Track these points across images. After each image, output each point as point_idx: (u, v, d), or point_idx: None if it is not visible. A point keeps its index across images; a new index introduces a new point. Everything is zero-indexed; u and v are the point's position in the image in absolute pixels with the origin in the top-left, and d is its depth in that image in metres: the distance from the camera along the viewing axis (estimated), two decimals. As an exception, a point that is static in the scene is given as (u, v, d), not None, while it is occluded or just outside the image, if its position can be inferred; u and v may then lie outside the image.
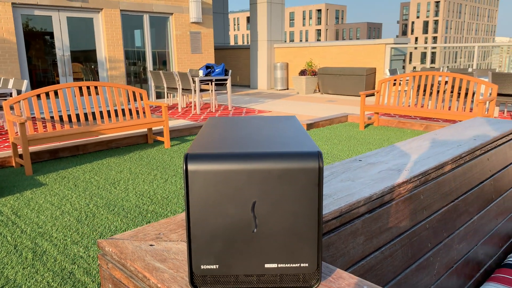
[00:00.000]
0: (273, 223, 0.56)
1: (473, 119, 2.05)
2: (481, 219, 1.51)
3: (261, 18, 13.48)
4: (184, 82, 8.54)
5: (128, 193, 3.90)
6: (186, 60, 11.10)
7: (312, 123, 6.95)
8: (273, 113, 8.58)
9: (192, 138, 6.31)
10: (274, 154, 0.55)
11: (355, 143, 5.80)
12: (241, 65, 15.42)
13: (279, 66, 13.41)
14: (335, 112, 8.64)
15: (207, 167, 0.54)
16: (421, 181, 1.21)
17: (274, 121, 0.76)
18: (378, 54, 11.31)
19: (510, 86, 6.68)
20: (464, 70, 8.46)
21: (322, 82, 12.12)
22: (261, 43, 13.70)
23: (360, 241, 0.98)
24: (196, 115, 8.22)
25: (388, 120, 7.06)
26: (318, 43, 13.01)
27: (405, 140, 1.63)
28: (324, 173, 1.21)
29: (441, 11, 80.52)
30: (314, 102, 10.42)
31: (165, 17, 10.72)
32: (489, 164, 1.61)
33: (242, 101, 10.64)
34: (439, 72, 6.24)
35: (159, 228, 0.82)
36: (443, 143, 1.55)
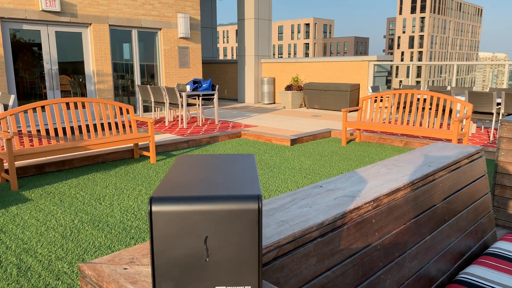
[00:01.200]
0: (222, 253, 0.69)
1: (434, 144, 2.22)
2: (433, 239, 1.66)
3: (249, 34, 13.74)
4: (171, 97, 8.66)
5: (113, 208, 3.99)
6: (174, 74, 11.24)
7: (296, 138, 7.12)
8: (259, 127, 8.74)
9: (178, 153, 6.42)
10: (223, 197, 0.68)
11: (336, 159, 5.97)
12: (229, 79, 15.62)
13: (266, 80, 13.64)
14: (320, 127, 8.84)
15: (168, 208, 0.67)
16: (373, 206, 1.36)
17: (234, 161, 0.90)
18: (362, 71, 11.61)
19: (485, 104, 6.95)
20: (444, 87, 8.76)
21: (307, 97, 12.36)
22: (248, 58, 13.93)
23: (313, 262, 1.12)
24: (183, 129, 8.33)
25: (370, 136, 7.26)
26: (304, 59, 13.29)
27: (365, 166, 1.78)
28: (286, 200, 1.35)
29: (426, 27, 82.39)
30: (299, 116, 10.62)
31: (153, 32, 10.87)
32: (442, 188, 1.77)
33: (229, 115, 10.79)
34: (418, 91, 6.48)
35: (133, 253, 0.94)
36: (399, 170, 1.71)
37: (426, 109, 6.51)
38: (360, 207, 1.30)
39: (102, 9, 9.65)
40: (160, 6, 10.73)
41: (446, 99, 6.22)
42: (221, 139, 7.40)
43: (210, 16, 16.70)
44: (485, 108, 6.97)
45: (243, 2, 13.67)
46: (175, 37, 11.16)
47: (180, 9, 11.15)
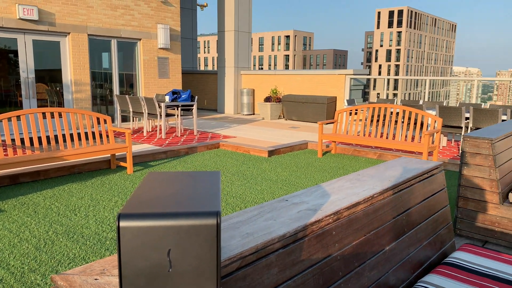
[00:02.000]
0: (183, 265, 0.77)
1: (397, 159, 2.35)
2: (393, 250, 1.78)
3: (229, 46, 13.89)
4: (150, 107, 8.67)
5: (88, 220, 3.98)
6: (153, 84, 11.25)
7: (274, 150, 7.23)
8: (237, 138, 8.82)
9: (155, 163, 6.43)
10: (184, 213, 0.76)
11: (312, 170, 6.10)
12: (208, 90, 15.69)
13: (245, 92, 13.77)
14: (298, 138, 8.99)
15: (134, 224, 0.75)
16: (333, 219, 1.46)
17: (199, 178, 0.98)
18: (339, 84, 11.89)
19: (454, 118, 7.24)
20: (417, 101, 9.07)
21: (286, 109, 12.54)
22: (228, 70, 14.06)
23: (274, 272, 1.20)
24: (161, 140, 8.34)
25: (345, 148, 7.44)
26: (283, 71, 13.50)
27: (331, 180, 1.89)
28: (253, 213, 1.43)
29: (402, 41, 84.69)
30: (278, 128, 10.76)
31: (133, 42, 10.88)
32: (402, 201, 1.89)
33: (208, 126, 10.84)
34: (391, 105, 6.71)
35: (104, 264, 1.00)
36: (362, 184, 1.82)
37: (398, 123, 6.73)
38: (320, 220, 1.39)
39: (81, 18, 9.62)
40: (140, 17, 10.77)
41: (418, 113, 6.46)
42: (200, 149, 7.45)
43: (190, 27, 16.81)
44: (454, 122, 7.26)
45: (223, 15, 13.83)
46: (155, 47, 11.19)
47: (160, 20, 11.21)
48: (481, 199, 3.30)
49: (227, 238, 1.20)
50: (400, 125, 6.81)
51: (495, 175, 3.20)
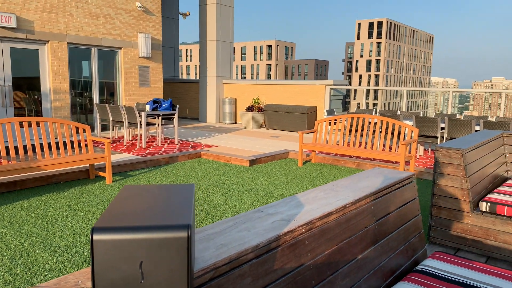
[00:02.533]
0: (155, 276, 0.80)
1: (372, 170, 2.42)
2: (365, 258, 1.83)
3: (210, 55, 13.94)
4: (130, 116, 8.62)
5: (66, 231, 3.93)
6: (133, 93, 11.19)
7: (255, 159, 7.27)
8: (219, 148, 8.83)
9: (135, 173, 6.39)
10: (156, 227, 0.79)
11: (292, 180, 6.16)
12: (190, 98, 15.68)
13: (227, 101, 13.82)
14: (279, 148, 9.06)
15: (107, 237, 0.77)
16: (306, 229, 1.51)
17: (173, 191, 1.01)
18: (319, 94, 12.06)
19: (430, 128, 7.44)
20: (395, 112, 9.27)
21: (267, 118, 12.64)
22: (210, 79, 14.11)
23: (248, 281, 1.24)
24: (142, 149, 8.29)
25: (325, 158, 7.55)
26: (264, 81, 13.62)
27: (306, 191, 1.94)
28: (228, 224, 1.47)
29: (382, 52, 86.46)
30: (259, 137, 10.83)
31: (114, 51, 10.83)
32: (375, 211, 1.96)
33: (190, 135, 10.82)
34: (369, 115, 6.86)
35: (78, 277, 1.02)
36: (336, 194, 1.88)
37: (376, 132, 6.88)
38: (293, 230, 1.44)
39: (61, 26, 9.53)
40: (121, 26, 10.73)
41: (395, 124, 6.62)
42: (180, 159, 7.44)
43: (172, 36, 16.82)
44: (430, 132, 7.46)
45: (205, 25, 13.91)
46: (136, 56, 11.16)
47: (142, 29, 11.20)
48: (454, 207, 3.41)
49: (202, 249, 1.23)
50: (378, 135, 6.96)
51: (466, 185, 3.32)
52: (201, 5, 13.90)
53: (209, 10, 13.73)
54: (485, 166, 3.88)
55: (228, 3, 13.91)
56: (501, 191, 3.57)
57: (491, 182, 3.98)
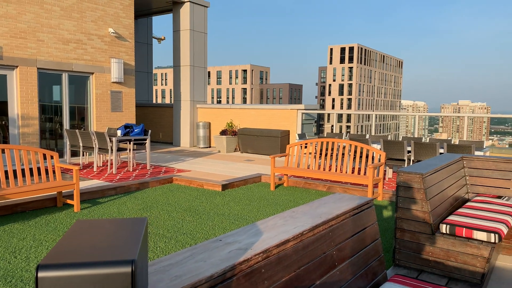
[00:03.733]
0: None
1: (331, 196, 2.50)
2: (323, 284, 1.88)
3: (184, 80, 14.04)
4: (101, 142, 8.52)
5: (29, 262, 3.81)
6: (105, 118, 11.09)
7: (228, 183, 7.28)
8: (192, 172, 8.80)
9: (104, 200, 6.28)
10: (100, 263, 0.82)
11: (264, 204, 6.20)
12: (164, 123, 15.63)
13: (201, 125, 13.86)
14: (252, 171, 9.10)
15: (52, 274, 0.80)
16: (263, 257, 1.55)
17: (123, 226, 1.04)
18: (292, 118, 12.28)
19: (397, 151, 7.68)
20: (363, 135, 9.53)
21: (241, 142, 12.72)
22: (184, 103, 14.15)
23: (201, 312, 1.26)
24: (112, 175, 8.17)
25: (297, 181, 7.64)
26: (238, 106, 13.77)
27: (266, 218, 1.99)
28: (186, 254, 1.49)
29: (354, 76, 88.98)
30: (233, 161, 10.86)
31: (85, 76, 10.76)
32: (333, 236, 2.02)
33: (163, 159, 10.75)
34: (338, 140, 7.03)
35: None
36: (294, 221, 1.93)
37: (345, 156, 7.05)
38: (250, 259, 1.48)
39: (30, 52, 9.44)
40: (93, 51, 10.72)
41: (363, 147, 6.80)
42: (152, 185, 7.36)
43: (146, 61, 16.87)
44: (398, 155, 7.69)
45: (179, 50, 14.05)
46: (108, 81, 11.11)
47: (114, 54, 11.21)
48: (416, 230, 3.52)
49: (156, 281, 1.25)
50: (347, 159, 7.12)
51: (426, 207, 3.45)
52: (175, 31, 14.07)
53: (182, 37, 13.91)
54: (445, 188, 4.04)
55: (202, 30, 14.14)
56: (460, 213, 3.72)
57: (452, 204, 4.14)
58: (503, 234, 3.23)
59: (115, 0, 11.09)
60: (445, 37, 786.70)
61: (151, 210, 5.73)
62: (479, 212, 3.71)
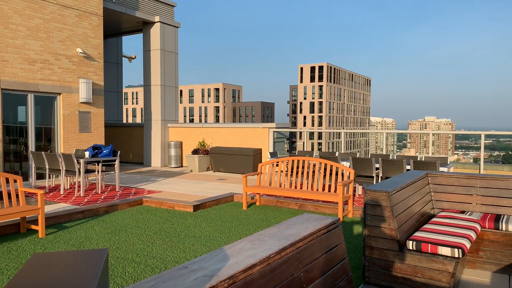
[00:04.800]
0: None
1: (299, 217, 2.52)
2: (291, 307, 1.88)
3: (155, 100, 13.94)
4: (68, 164, 8.29)
5: (-12, 294, 3.63)
6: (73, 139, 10.82)
7: (199, 204, 7.21)
8: (163, 193, 8.67)
9: (71, 224, 6.08)
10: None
11: (236, 224, 6.16)
12: (134, 143, 15.40)
13: (173, 144, 13.73)
14: (225, 191, 9.06)
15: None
16: (229, 283, 1.54)
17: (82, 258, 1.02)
18: (263, 136, 12.36)
19: (366, 168, 7.84)
20: (333, 153, 9.69)
21: (214, 161, 12.66)
22: (155, 122, 14.01)
23: None
24: (80, 198, 7.93)
25: (269, 200, 7.65)
26: (210, 125, 13.76)
27: (234, 242, 1.99)
28: (149, 284, 1.47)
29: (324, 94, 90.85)
30: (205, 180, 10.78)
31: (52, 97, 10.51)
32: (300, 258, 2.03)
33: (133, 180, 10.54)
34: (308, 158, 7.12)
35: None
36: (262, 245, 1.94)
37: (316, 174, 7.14)
38: (215, 286, 1.47)
39: (-7, 72, 9.16)
40: (61, 71, 10.51)
41: (333, 165, 6.92)
42: (121, 207, 7.20)
43: (116, 80, 16.67)
44: (366, 172, 7.85)
45: (149, 70, 13.98)
46: (76, 101, 10.90)
47: (83, 74, 11.03)
48: (384, 247, 3.59)
49: (117, 313, 1.22)
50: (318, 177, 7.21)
51: (393, 225, 3.53)
52: (145, 51, 14.02)
53: (153, 56, 13.87)
54: (411, 205, 4.15)
55: (172, 50, 14.15)
56: (426, 229, 3.82)
57: (418, 220, 4.25)
58: (466, 249, 3.34)
59: (84, 20, 10.98)
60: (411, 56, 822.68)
61: (119, 234, 5.58)
62: (444, 227, 3.83)
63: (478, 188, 4.67)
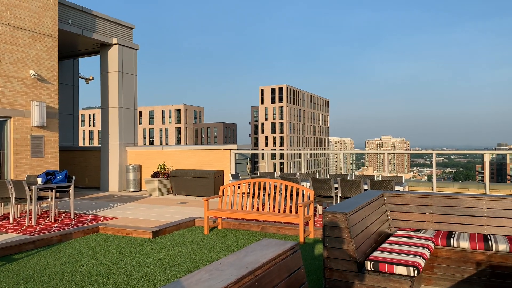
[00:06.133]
0: None
1: (258, 243, 2.52)
2: (251, 337, 1.86)
3: (113, 122, 13.61)
4: (19, 191, 7.86)
5: None
6: (25, 164, 10.30)
7: (159, 230, 7.02)
8: (120, 219, 8.38)
9: (21, 256, 5.72)
10: None
11: (197, 250, 6.04)
12: (91, 167, 14.87)
13: (131, 168, 13.39)
14: (186, 215, 8.88)
15: None
16: (185, 318, 1.50)
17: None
18: (225, 158, 12.34)
19: (325, 189, 7.98)
20: (294, 174, 9.81)
21: (175, 184, 12.44)
22: (112, 146, 13.64)
23: None
24: (31, 227, 7.51)
25: (231, 223, 7.58)
26: (170, 147, 13.57)
27: (192, 273, 1.95)
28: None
29: (285, 115, 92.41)
30: (166, 204, 10.54)
31: (2, 120, 10.02)
32: (259, 286, 2.02)
33: (89, 207, 10.13)
34: (269, 179, 7.16)
35: None
36: (220, 274, 1.91)
37: (277, 195, 7.18)
38: (170, 321, 1.43)
39: None
40: (12, 94, 10.07)
41: (293, 187, 6.99)
42: (76, 235, 6.87)
43: (71, 102, 16.17)
44: (326, 193, 7.99)
45: (107, 92, 13.69)
46: (29, 125, 10.44)
47: (36, 97, 10.62)
48: (343, 268, 3.64)
49: None
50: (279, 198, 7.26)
51: (352, 246, 3.59)
52: (103, 73, 13.75)
53: (110, 78, 13.62)
54: (369, 225, 4.25)
55: (131, 72, 13.97)
56: (383, 248, 3.92)
57: (376, 240, 4.35)
58: (421, 267, 3.45)
59: (38, 42, 10.65)
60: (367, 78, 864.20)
61: (74, 264, 5.31)
62: (400, 246, 3.94)
63: (430, 206, 4.87)
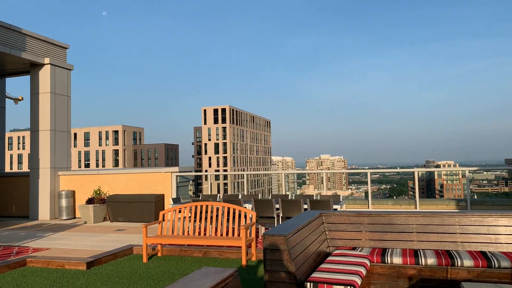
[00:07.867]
0: None
1: (197, 272, 2.47)
2: None
3: (44, 146, 12.81)
4: None
5: None
6: None
7: (94, 260, 6.62)
8: (51, 250, 7.81)
9: None
10: None
11: (136, 280, 5.77)
12: (18, 194, 13.79)
13: (64, 194, 12.61)
14: (123, 243, 8.48)
15: None
16: None
17: None
18: (166, 181, 12.04)
19: (267, 209, 8.05)
20: (236, 195, 9.79)
21: (111, 210, 11.88)
22: (43, 171, 12.79)
23: None
24: None
25: (171, 249, 7.35)
26: (107, 171, 13.00)
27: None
28: None
29: (228, 135, 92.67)
30: (102, 232, 10.00)
31: None
32: (197, 318, 1.97)
33: (15, 238, 9.34)
34: (211, 202, 7.08)
35: None
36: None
37: (219, 218, 7.11)
38: None
39: None
40: None
41: (235, 209, 6.96)
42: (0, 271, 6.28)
43: (-3, 125, 15.00)
44: (268, 213, 8.05)
45: (37, 114, 12.90)
46: None
47: (-46, 119, 9.73)
48: (284, 291, 3.65)
49: None
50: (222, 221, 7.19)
51: (292, 268, 3.63)
52: (33, 94, 12.98)
53: (42, 100, 12.87)
54: (308, 246, 4.33)
55: (64, 93, 13.32)
56: (322, 268, 4.00)
57: (316, 260, 4.44)
58: (358, 285, 3.56)
59: (-43, 60, 9.84)
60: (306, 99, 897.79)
61: (-5, 304, 4.84)
62: (337, 266, 4.04)
63: (365, 224, 5.08)
